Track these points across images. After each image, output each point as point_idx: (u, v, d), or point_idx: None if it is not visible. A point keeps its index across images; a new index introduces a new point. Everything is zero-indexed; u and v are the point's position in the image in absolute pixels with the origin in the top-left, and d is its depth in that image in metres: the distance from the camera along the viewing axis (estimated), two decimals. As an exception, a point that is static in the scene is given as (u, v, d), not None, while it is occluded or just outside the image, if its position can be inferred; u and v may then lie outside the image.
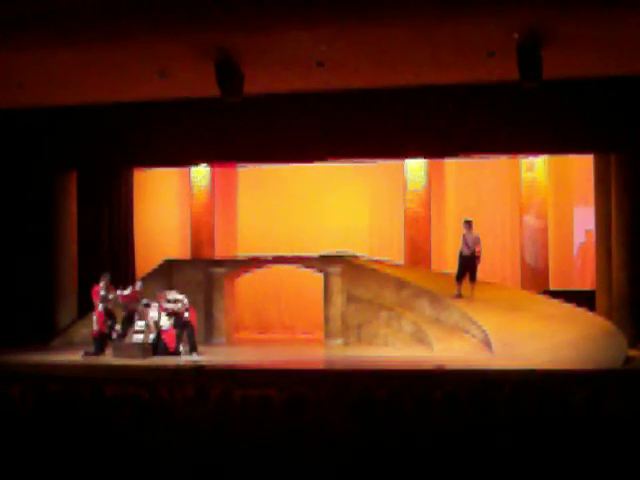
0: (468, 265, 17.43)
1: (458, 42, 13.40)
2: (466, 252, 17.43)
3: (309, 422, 7.08)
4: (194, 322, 16.90)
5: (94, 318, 16.84)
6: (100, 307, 16.76)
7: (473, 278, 17.47)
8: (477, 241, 17.44)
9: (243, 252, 21.46)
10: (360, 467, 6.15)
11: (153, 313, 16.63)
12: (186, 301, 16.79)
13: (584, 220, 19.95)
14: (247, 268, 20.07)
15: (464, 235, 17.55)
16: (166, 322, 16.59)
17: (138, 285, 17.33)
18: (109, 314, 16.84)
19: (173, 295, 16.84)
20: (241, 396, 8.21)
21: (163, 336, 16.53)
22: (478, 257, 17.39)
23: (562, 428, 6.71)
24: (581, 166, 19.52)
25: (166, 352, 16.41)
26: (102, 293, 16.88)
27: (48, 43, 13.29)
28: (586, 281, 19.55)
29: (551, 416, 7.12)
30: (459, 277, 17.52)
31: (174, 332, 16.61)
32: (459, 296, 17.46)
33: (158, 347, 16.47)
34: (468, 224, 17.59)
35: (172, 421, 7.22)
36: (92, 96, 16.76)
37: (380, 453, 6.28)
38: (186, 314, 16.69)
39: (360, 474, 6.12)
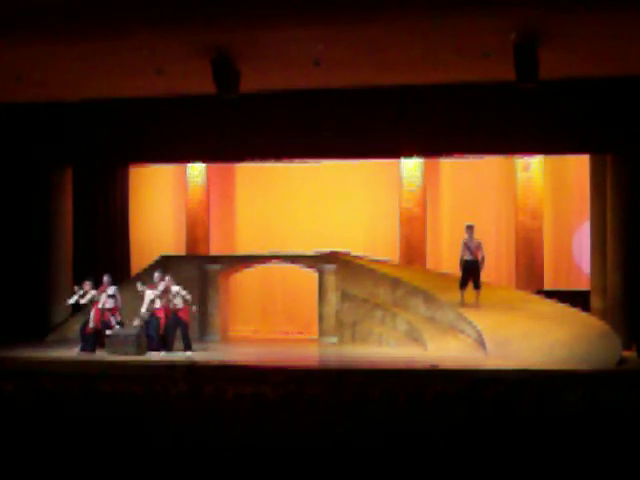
0: (471, 271, 17.13)
1: (455, 42, 13.39)
2: (468, 257, 17.16)
3: (303, 420, 7.08)
4: (187, 320, 16.91)
5: (91, 314, 16.81)
6: (100, 304, 16.72)
7: (477, 285, 17.08)
8: (479, 247, 17.19)
9: (241, 249, 21.43)
10: (353, 465, 6.16)
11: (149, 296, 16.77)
12: (189, 297, 16.86)
13: (580, 220, 19.83)
14: (242, 265, 20.07)
15: (465, 241, 17.26)
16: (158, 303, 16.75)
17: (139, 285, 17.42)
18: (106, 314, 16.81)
19: (178, 289, 16.86)
20: (234, 393, 8.22)
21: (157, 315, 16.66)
22: (482, 263, 17.18)
23: (556, 428, 6.72)
24: (578, 166, 19.48)
25: (156, 333, 16.52)
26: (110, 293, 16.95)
27: (46, 38, 13.27)
28: (584, 284, 19.40)
29: (545, 416, 7.14)
30: (462, 284, 17.18)
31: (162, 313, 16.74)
32: (462, 304, 17.15)
33: (150, 324, 16.55)
34: (470, 229, 17.31)
35: (165, 418, 7.22)
36: (88, 92, 16.74)
37: (374, 451, 6.29)
38: (191, 309, 16.99)
39: (353, 472, 6.12)
